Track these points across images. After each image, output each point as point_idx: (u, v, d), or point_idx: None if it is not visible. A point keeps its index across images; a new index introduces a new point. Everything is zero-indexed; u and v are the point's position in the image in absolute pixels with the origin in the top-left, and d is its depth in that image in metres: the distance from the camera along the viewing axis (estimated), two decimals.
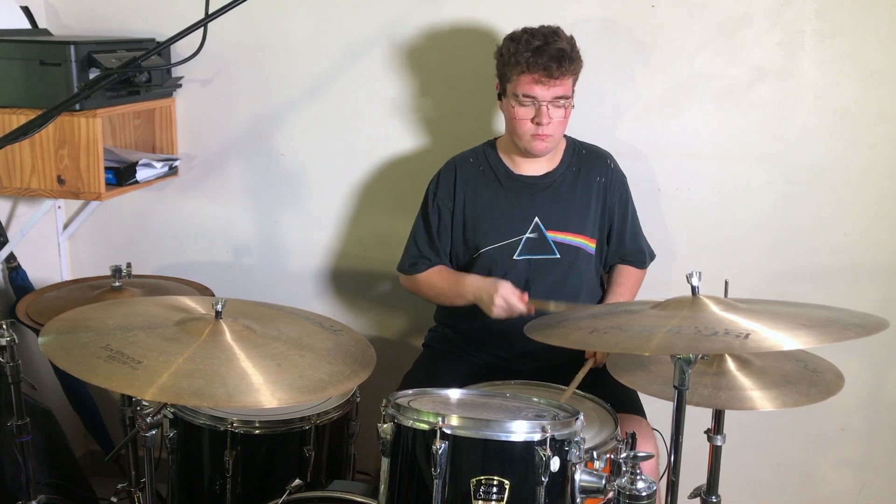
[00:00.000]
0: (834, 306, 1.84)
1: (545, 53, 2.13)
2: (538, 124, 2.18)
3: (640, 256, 2.45)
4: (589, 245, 2.33)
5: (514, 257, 2.30)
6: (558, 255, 2.30)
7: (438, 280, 2.37)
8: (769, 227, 2.57)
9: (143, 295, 2.35)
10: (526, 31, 2.20)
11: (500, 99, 2.29)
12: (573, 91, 2.22)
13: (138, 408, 1.80)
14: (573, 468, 1.56)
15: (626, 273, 2.45)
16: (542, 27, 2.21)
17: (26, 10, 2.65)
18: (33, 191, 2.45)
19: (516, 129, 2.22)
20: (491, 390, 2.01)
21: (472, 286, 2.27)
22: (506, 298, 2.17)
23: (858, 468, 2.72)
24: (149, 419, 1.76)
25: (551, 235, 2.30)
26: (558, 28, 2.21)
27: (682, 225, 2.60)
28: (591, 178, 2.34)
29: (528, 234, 2.30)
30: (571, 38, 2.21)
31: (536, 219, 2.30)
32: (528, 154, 2.28)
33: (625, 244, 2.42)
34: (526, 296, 2.18)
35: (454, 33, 2.58)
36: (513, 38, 2.21)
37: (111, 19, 2.75)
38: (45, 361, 2.76)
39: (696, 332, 1.61)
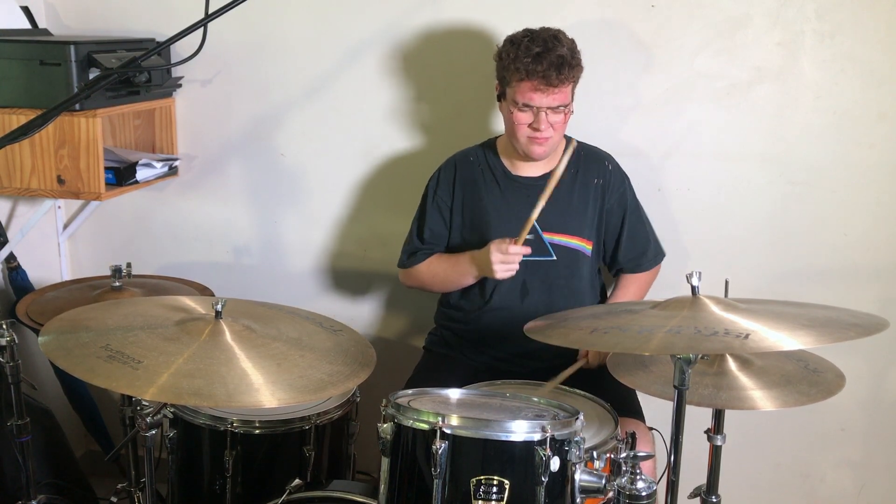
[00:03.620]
0: (834, 306, 1.84)
1: (545, 60, 2.10)
2: (536, 129, 2.18)
3: (638, 261, 2.41)
4: (586, 247, 2.33)
5: None
6: (555, 257, 2.30)
7: (438, 266, 2.37)
8: (769, 227, 2.56)
9: (143, 295, 2.35)
10: (526, 34, 2.17)
11: (499, 100, 2.28)
12: (573, 96, 2.21)
13: (138, 408, 1.80)
14: (573, 468, 1.56)
15: (625, 281, 2.43)
16: (543, 30, 2.18)
17: (26, 10, 2.65)
18: (33, 191, 2.45)
19: (515, 132, 2.22)
20: (491, 390, 2.01)
21: (474, 260, 2.26)
22: (499, 250, 2.15)
23: (858, 468, 2.72)
24: (149, 419, 1.76)
25: (548, 237, 2.30)
26: (559, 32, 2.18)
27: (682, 225, 2.60)
28: (589, 180, 2.34)
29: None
30: (572, 42, 2.18)
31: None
32: (526, 157, 2.27)
33: (619, 249, 2.39)
34: (514, 240, 2.16)
35: (453, 34, 2.58)
36: (513, 41, 2.18)
37: (111, 19, 2.75)
38: (45, 361, 2.76)
39: (696, 332, 1.61)
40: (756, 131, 2.51)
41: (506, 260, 2.16)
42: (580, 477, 1.57)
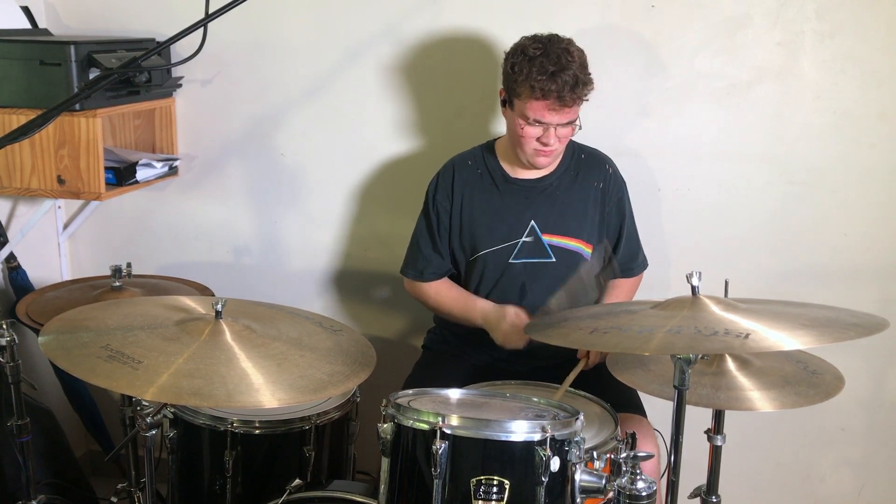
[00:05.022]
0: (834, 306, 1.84)
1: (559, 80, 2.06)
2: (545, 144, 2.17)
3: (629, 265, 2.41)
4: (586, 250, 2.32)
5: (510, 261, 2.29)
6: (554, 259, 2.30)
7: (447, 298, 2.37)
8: (769, 227, 2.57)
9: (143, 295, 2.34)
10: (538, 46, 2.11)
11: (504, 106, 2.25)
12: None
13: (138, 408, 1.80)
14: (573, 468, 1.56)
15: (613, 288, 2.42)
16: (554, 42, 2.12)
17: (26, 10, 2.65)
18: (33, 191, 2.45)
19: (521, 144, 2.19)
20: (491, 390, 2.01)
21: (483, 314, 2.28)
22: (513, 323, 2.19)
23: (858, 468, 2.72)
24: (149, 419, 1.76)
25: (547, 239, 2.29)
26: (569, 43, 2.14)
27: (682, 225, 2.60)
28: (589, 183, 2.33)
29: (524, 238, 2.29)
30: (582, 53, 2.14)
31: (532, 222, 2.29)
32: (529, 166, 2.27)
33: (616, 254, 2.38)
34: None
35: (454, 35, 2.58)
36: (525, 53, 2.11)
37: (111, 19, 2.75)
38: (45, 361, 2.76)
39: (696, 332, 1.61)
40: (756, 131, 2.51)
41: (513, 339, 2.20)
42: (580, 477, 1.57)
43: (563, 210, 2.30)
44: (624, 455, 1.56)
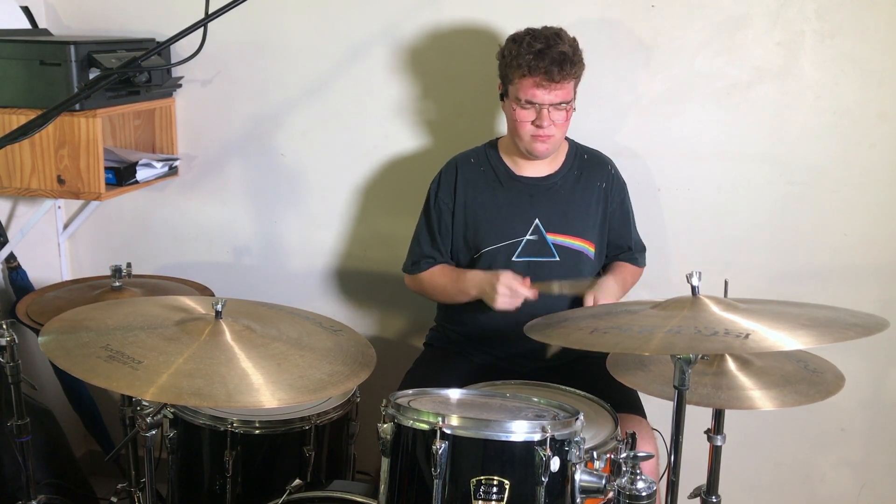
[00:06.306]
0: (834, 306, 1.84)
1: (547, 57, 2.11)
2: (539, 126, 2.18)
3: (635, 255, 2.45)
4: (589, 249, 2.33)
5: (514, 259, 2.29)
6: (558, 258, 2.30)
7: (441, 278, 2.37)
8: (769, 227, 2.56)
9: (143, 295, 2.35)
10: (528, 32, 2.19)
11: (502, 99, 2.28)
12: (575, 93, 2.21)
13: (138, 408, 1.80)
14: (573, 468, 1.56)
15: (621, 265, 2.44)
16: (545, 28, 2.19)
17: (26, 10, 2.65)
18: (33, 191, 2.45)
19: (517, 130, 2.22)
20: (491, 390, 2.01)
21: (474, 280, 2.25)
22: (509, 286, 2.13)
23: (858, 468, 2.72)
24: (149, 419, 1.76)
25: (551, 238, 2.30)
26: (561, 30, 2.20)
27: (682, 225, 2.60)
28: (592, 183, 2.34)
29: (528, 237, 2.29)
30: (574, 40, 2.19)
31: (537, 221, 2.29)
32: (529, 156, 2.28)
33: (620, 245, 2.42)
34: (528, 280, 2.15)
35: (454, 33, 2.58)
36: (515, 39, 2.19)
37: (111, 19, 2.75)
38: (45, 361, 2.77)
39: (696, 332, 1.61)
40: (756, 131, 2.51)
41: (512, 297, 2.14)
42: (580, 477, 1.57)
43: (567, 209, 2.31)
44: (624, 455, 1.56)
